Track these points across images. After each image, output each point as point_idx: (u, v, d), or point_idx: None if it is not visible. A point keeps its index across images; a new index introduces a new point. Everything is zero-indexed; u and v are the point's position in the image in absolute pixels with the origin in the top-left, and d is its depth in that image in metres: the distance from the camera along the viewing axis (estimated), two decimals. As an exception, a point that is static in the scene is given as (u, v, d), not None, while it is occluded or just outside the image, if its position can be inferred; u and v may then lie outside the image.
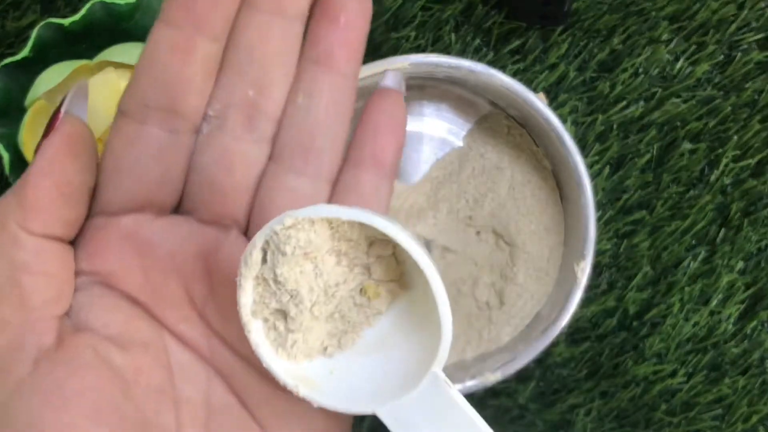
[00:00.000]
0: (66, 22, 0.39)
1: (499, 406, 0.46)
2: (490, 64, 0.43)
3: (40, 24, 0.40)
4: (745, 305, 0.47)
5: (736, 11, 0.47)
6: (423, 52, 0.47)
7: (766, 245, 0.48)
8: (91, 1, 0.40)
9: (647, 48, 0.47)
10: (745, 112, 0.48)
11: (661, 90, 0.47)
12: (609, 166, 0.47)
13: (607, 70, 0.47)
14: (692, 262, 0.47)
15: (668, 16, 0.47)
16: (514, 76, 0.46)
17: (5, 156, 0.40)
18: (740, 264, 0.47)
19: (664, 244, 0.47)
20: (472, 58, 0.46)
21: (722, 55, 0.48)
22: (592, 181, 0.42)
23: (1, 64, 0.40)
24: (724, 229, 0.47)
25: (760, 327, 0.47)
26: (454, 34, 0.47)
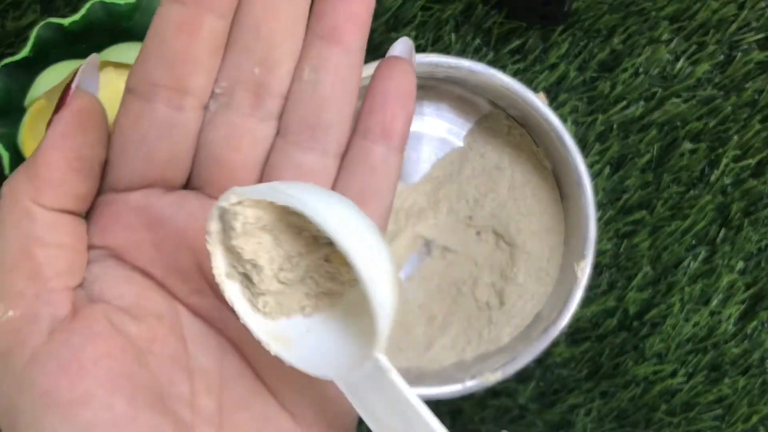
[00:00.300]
0: (66, 22, 0.39)
1: (499, 406, 0.46)
2: (490, 64, 0.43)
3: (40, 24, 0.40)
4: (745, 305, 0.47)
5: (737, 11, 0.47)
6: (423, 52, 0.47)
7: (767, 245, 0.48)
8: (91, 1, 0.40)
9: (647, 48, 0.47)
10: (745, 112, 0.47)
11: (661, 90, 0.47)
12: (609, 166, 0.47)
13: (607, 70, 0.47)
14: (692, 262, 0.47)
15: (668, 16, 0.47)
16: (514, 76, 0.46)
17: (5, 155, 0.40)
18: (740, 264, 0.47)
19: (664, 244, 0.47)
20: (472, 58, 0.46)
21: (722, 55, 0.48)
22: (592, 181, 0.42)
23: (1, 63, 0.40)
24: (724, 229, 0.47)
25: (761, 327, 0.47)
26: (454, 34, 0.47)
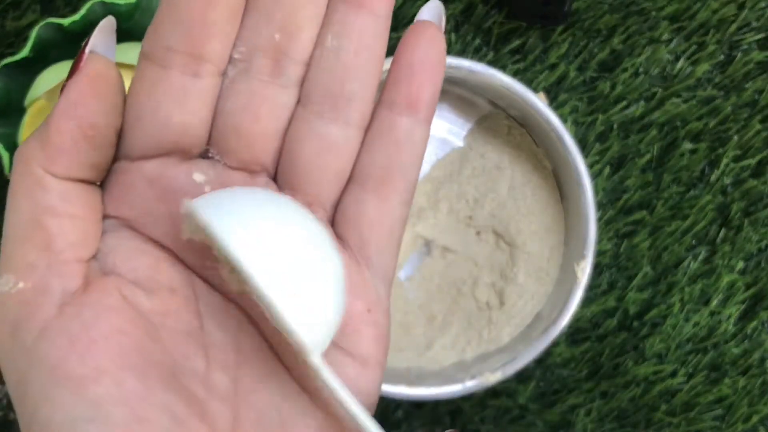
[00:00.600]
0: (66, 22, 0.39)
1: (499, 406, 0.46)
2: (490, 64, 0.43)
3: (40, 24, 0.40)
4: (745, 305, 0.47)
5: (737, 11, 0.47)
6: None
7: (767, 245, 0.48)
8: (91, 1, 0.40)
9: (647, 48, 0.47)
10: (745, 112, 0.47)
11: (661, 90, 0.47)
12: (609, 166, 0.47)
13: (607, 70, 0.47)
14: (692, 262, 0.47)
15: (668, 16, 0.47)
16: (514, 76, 0.46)
17: (5, 156, 0.40)
18: (740, 264, 0.47)
19: (664, 244, 0.47)
20: (472, 58, 0.46)
21: (722, 55, 0.48)
22: (592, 181, 0.42)
23: (1, 63, 0.40)
24: (724, 229, 0.47)
25: (761, 327, 0.47)
26: (454, 34, 0.47)
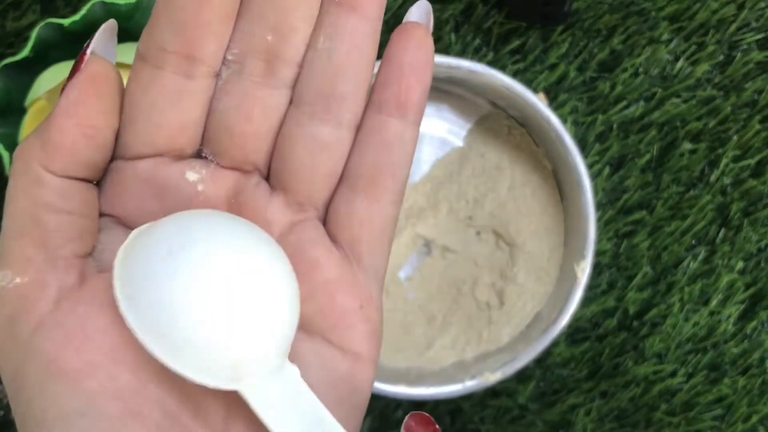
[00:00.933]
0: (66, 22, 0.39)
1: (499, 406, 0.46)
2: (490, 64, 0.43)
3: (41, 24, 0.40)
4: (745, 305, 0.47)
5: (736, 11, 0.47)
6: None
7: (766, 245, 0.48)
8: (91, 2, 0.40)
9: (647, 48, 0.47)
10: (745, 112, 0.47)
11: (661, 90, 0.47)
12: (609, 166, 0.47)
13: (607, 70, 0.47)
14: (692, 262, 0.47)
15: (668, 16, 0.47)
16: (514, 76, 0.46)
17: (5, 156, 0.40)
18: (740, 264, 0.47)
19: (664, 244, 0.47)
20: (472, 58, 0.46)
21: (722, 55, 0.48)
22: (592, 181, 0.42)
23: (2, 64, 0.40)
24: (724, 229, 0.47)
25: (760, 327, 0.47)
26: (454, 34, 0.47)
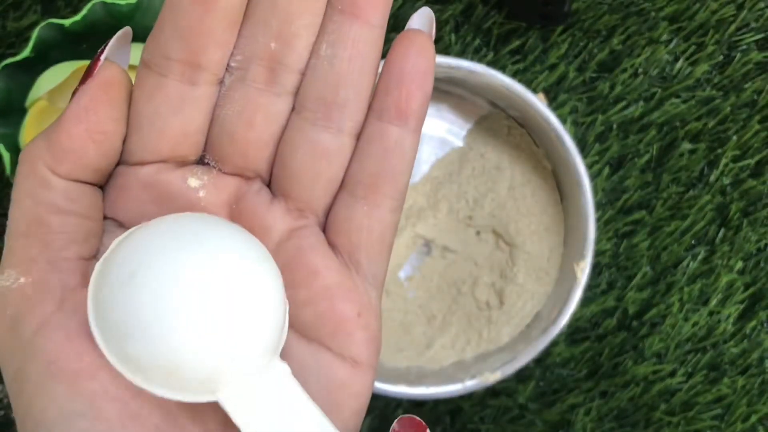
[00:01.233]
0: (67, 22, 0.39)
1: (499, 406, 0.46)
2: (490, 65, 0.43)
3: (41, 24, 0.40)
4: (744, 305, 0.47)
5: (736, 12, 0.47)
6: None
7: (766, 245, 0.48)
8: (92, 2, 0.40)
9: (647, 48, 0.47)
10: (744, 113, 0.48)
11: (660, 90, 0.47)
12: (609, 166, 0.47)
13: (606, 70, 0.47)
14: (692, 262, 0.47)
15: (668, 17, 0.47)
16: (514, 76, 0.46)
17: (6, 156, 0.40)
18: (739, 264, 0.47)
19: (663, 244, 0.47)
20: (472, 59, 0.46)
21: (721, 56, 0.48)
22: (592, 181, 0.43)
23: (2, 64, 0.40)
24: (723, 229, 0.47)
25: (760, 327, 0.47)
26: (454, 34, 0.47)
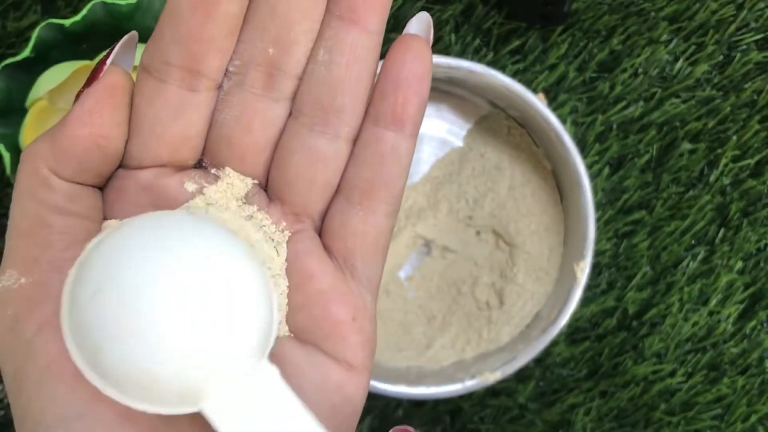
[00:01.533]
0: (67, 22, 0.40)
1: (499, 406, 0.46)
2: (489, 65, 0.43)
3: (41, 24, 0.40)
4: (744, 305, 0.47)
5: (735, 12, 0.47)
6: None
7: (766, 245, 0.48)
8: (92, 2, 0.40)
9: (647, 48, 0.47)
10: (744, 113, 0.48)
11: (660, 90, 0.47)
12: (609, 166, 0.47)
13: (606, 70, 0.47)
14: (691, 262, 0.47)
15: (668, 17, 0.47)
16: (514, 76, 0.46)
17: (6, 156, 0.40)
18: (739, 264, 0.47)
19: (663, 244, 0.47)
20: (472, 59, 0.46)
21: (721, 56, 0.48)
22: (591, 181, 0.43)
23: (2, 64, 0.40)
24: (723, 229, 0.47)
25: (759, 327, 0.47)
26: (454, 34, 0.47)
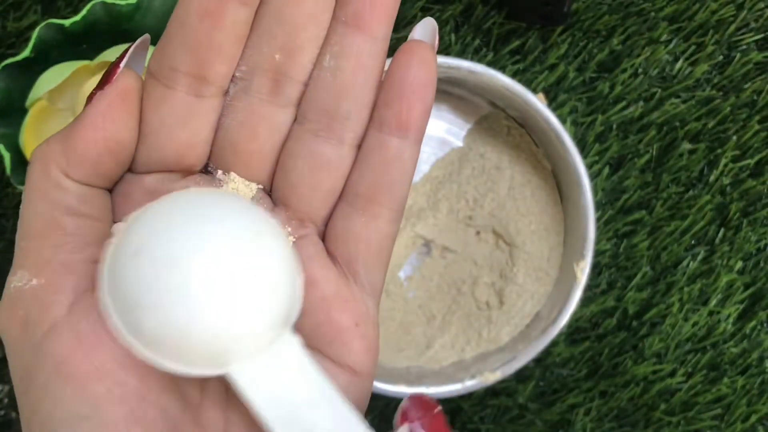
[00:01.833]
0: (67, 22, 0.40)
1: (499, 406, 0.46)
2: (489, 65, 0.43)
3: (41, 24, 0.40)
4: (744, 305, 0.47)
5: (735, 12, 0.48)
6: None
7: (765, 245, 0.48)
8: (92, 2, 0.40)
9: (647, 48, 0.47)
10: (744, 113, 0.48)
11: (660, 90, 0.47)
12: (609, 166, 0.47)
13: (606, 70, 0.47)
14: (691, 262, 0.47)
15: (667, 17, 0.47)
16: (514, 76, 0.46)
17: (6, 156, 0.40)
18: (739, 264, 0.47)
19: (663, 244, 0.47)
20: (471, 59, 0.46)
21: (721, 56, 0.48)
22: (591, 181, 0.43)
23: (2, 64, 0.40)
24: (723, 229, 0.47)
25: (759, 327, 0.47)
26: (454, 34, 0.47)
